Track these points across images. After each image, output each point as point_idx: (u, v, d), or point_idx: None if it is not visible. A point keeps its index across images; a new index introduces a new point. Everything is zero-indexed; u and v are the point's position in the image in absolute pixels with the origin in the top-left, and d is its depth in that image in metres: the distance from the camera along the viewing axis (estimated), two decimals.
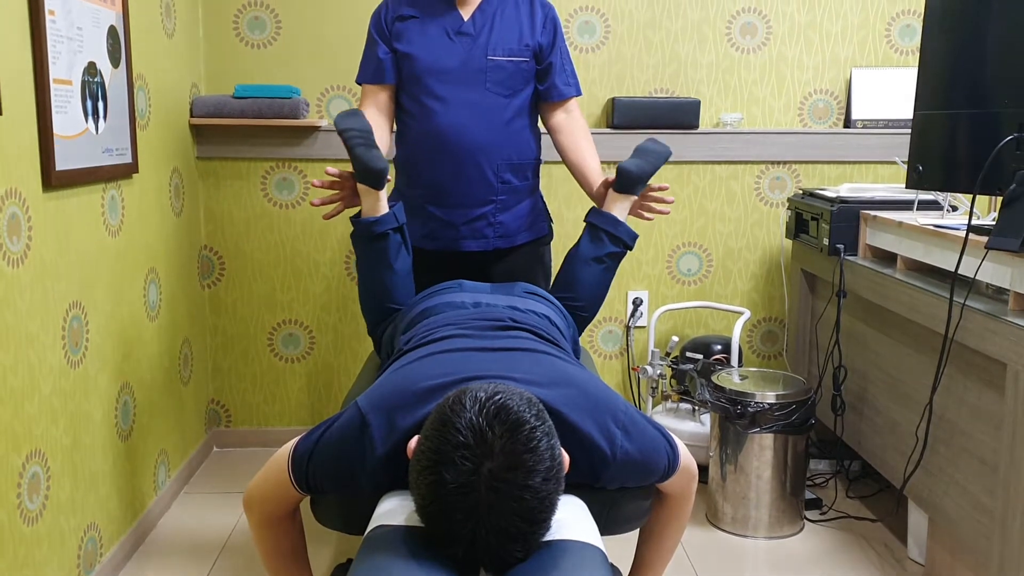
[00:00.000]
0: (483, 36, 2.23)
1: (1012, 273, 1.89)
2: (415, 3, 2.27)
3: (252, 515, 1.58)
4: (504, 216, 2.31)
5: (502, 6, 2.27)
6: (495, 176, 2.26)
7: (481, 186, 2.25)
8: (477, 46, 2.23)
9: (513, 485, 1.20)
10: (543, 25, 2.28)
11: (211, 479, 2.94)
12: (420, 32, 2.24)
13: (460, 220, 2.28)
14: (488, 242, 2.31)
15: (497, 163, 2.25)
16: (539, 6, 2.30)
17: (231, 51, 3.05)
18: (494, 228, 2.30)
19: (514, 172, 2.29)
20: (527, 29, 2.27)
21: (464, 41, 2.23)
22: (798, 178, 3.21)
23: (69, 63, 2.01)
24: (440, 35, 2.24)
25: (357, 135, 2.03)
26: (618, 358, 3.29)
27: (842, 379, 2.66)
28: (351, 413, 1.46)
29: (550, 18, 2.30)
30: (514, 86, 2.25)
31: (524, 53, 2.25)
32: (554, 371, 1.51)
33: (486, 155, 2.23)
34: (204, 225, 3.11)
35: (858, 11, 3.16)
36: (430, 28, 2.24)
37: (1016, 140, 1.93)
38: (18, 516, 1.81)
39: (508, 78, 2.24)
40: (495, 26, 2.24)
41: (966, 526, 2.05)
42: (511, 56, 2.24)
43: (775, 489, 2.52)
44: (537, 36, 2.27)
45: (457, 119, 2.21)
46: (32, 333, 1.87)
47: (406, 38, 2.25)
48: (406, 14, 2.26)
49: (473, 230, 2.29)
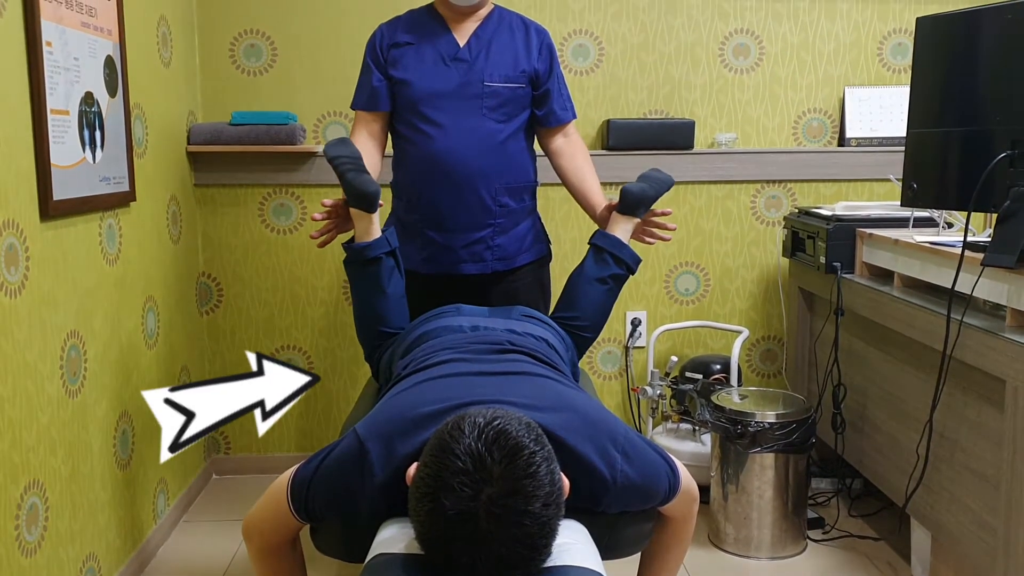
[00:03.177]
0: (479, 62, 2.24)
1: (1009, 289, 1.90)
2: (411, 29, 2.29)
3: (252, 544, 1.57)
4: (502, 239, 2.31)
5: (498, 32, 2.28)
6: (492, 200, 2.27)
7: (479, 210, 2.26)
8: (473, 72, 2.24)
9: (513, 511, 1.20)
10: (539, 51, 2.30)
11: (210, 507, 2.93)
12: (416, 58, 2.25)
13: (459, 244, 2.28)
14: (487, 265, 2.32)
15: (495, 187, 2.26)
16: (534, 32, 2.32)
17: (227, 78, 3.07)
18: (492, 251, 2.31)
19: (511, 195, 2.30)
20: (523, 55, 2.28)
21: (460, 67, 2.24)
22: (793, 197, 3.22)
23: (66, 93, 2.02)
24: (436, 61, 2.25)
25: (347, 161, 2.06)
26: (618, 379, 3.28)
27: (842, 397, 2.66)
28: (350, 440, 1.46)
29: (545, 44, 2.32)
30: (510, 111, 2.27)
31: (520, 79, 2.27)
32: (553, 395, 1.51)
33: (483, 179, 2.24)
34: (202, 252, 3.11)
35: (850, 30, 3.19)
36: (426, 54, 2.25)
37: (1009, 157, 1.94)
38: (16, 548, 1.80)
39: (504, 103, 2.25)
40: (491, 52, 2.26)
41: (969, 544, 2.04)
42: (507, 82, 2.25)
43: (777, 509, 2.51)
44: (533, 62, 2.29)
45: (454, 144, 2.22)
46: (30, 363, 1.87)
47: (401, 65, 2.26)
48: (401, 41, 2.27)
49: (472, 253, 2.30)
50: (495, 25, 2.29)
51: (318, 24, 3.06)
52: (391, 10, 3.06)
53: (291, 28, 3.06)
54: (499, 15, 2.32)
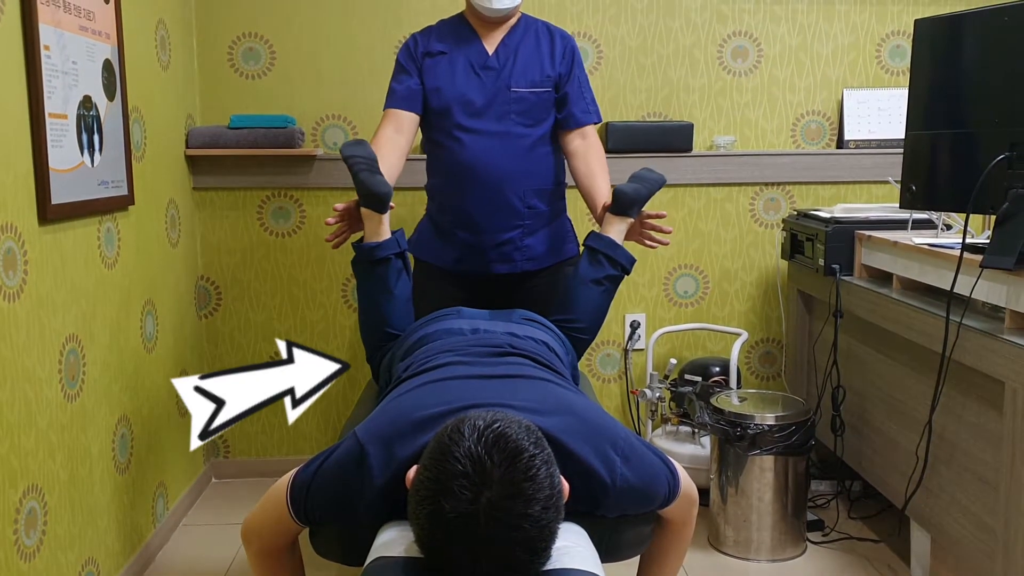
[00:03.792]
0: (507, 69, 2.32)
1: (1008, 291, 1.90)
2: (443, 38, 2.37)
3: (251, 547, 1.57)
4: (531, 240, 2.38)
5: (524, 38, 2.36)
6: (521, 202, 2.34)
7: (508, 212, 2.34)
8: (501, 79, 2.31)
9: (512, 514, 1.20)
10: (562, 55, 2.37)
11: (210, 510, 2.92)
12: (448, 68, 2.33)
13: (489, 245, 2.36)
14: (516, 265, 2.39)
15: (523, 190, 2.33)
16: (559, 38, 2.39)
17: (226, 82, 3.07)
18: (521, 252, 2.38)
19: (540, 197, 2.37)
20: (547, 60, 2.35)
21: (489, 75, 2.32)
22: (792, 199, 3.22)
23: (64, 97, 2.02)
24: (466, 70, 2.33)
25: (361, 161, 2.11)
26: (617, 381, 3.28)
27: (841, 399, 2.66)
28: (349, 443, 1.45)
29: (569, 48, 2.39)
30: (537, 115, 2.34)
31: (546, 84, 2.34)
32: (553, 398, 1.51)
33: (512, 183, 2.32)
34: (201, 256, 3.11)
35: (848, 33, 3.19)
36: (457, 64, 2.33)
37: (1007, 159, 1.95)
38: (15, 553, 1.79)
39: (531, 108, 2.32)
40: (518, 58, 2.33)
41: (969, 546, 2.04)
42: (533, 87, 2.32)
43: (777, 511, 2.51)
44: (557, 66, 2.36)
45: (484, 150, 2.29)
46: (29, 367, 1.87)
47: (435, 73, 2.34)
48: (435, 50, 2.35)
49: (501, 254, 2.37)
50: (522, 32, 2.37)
51: (317, 27, 3.06)
52: (390, 13, 3.06)
53: (290, 31, 3.06)
54: (525, 23, 2.39)
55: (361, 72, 3.08)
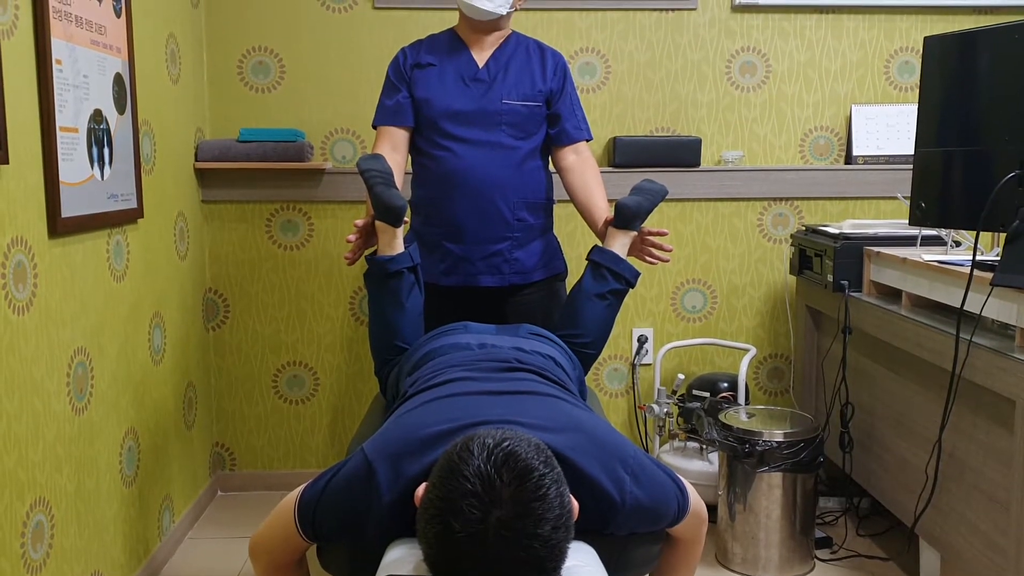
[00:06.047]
0: (497, 82, 2.34)
1: (1018, 309, 1.89)
2: (433, 50, 2.39)
3: (258, 563, 1.57)
4: (520, 253, 2.38)
5: (515, 53, 2.38)
6: (511, 213, 2.34)
7: (498, 223, 2.34)
8: (492, 91, 2.33)
9: (522, 534, 1.19)
10: (553, 72, 2.39)
11: (216, 524, 2.92)
12: (438, 79, 2.35)
13: (477, 256, 2.36)
14: (504, 278, 2.38)
15: (513, 201, 2.34)
16: (550, 55, 2.42)
17: (235, 96, 3.08)
18: (510, 264, 2.38)
19: (529, 210, 2.37)
20: (539, 75, 2.38)
21: (479, 87, 2.34)
22: (800, 215, 3.22)
23: (75, 111, 2.03)
24: (456, 81, 2.34)
25: (377, 175, 2.14)
26: (624, 396, 3.27)
27: (850, 416, 2.64)
28: (357, 460, 1.45)
29: (560, 66, 2.42)
30: (528, 129, 2.35)
31: (537, 98, 2.36)
32: (562, 415, 1.50)
33: (502, 193, 2.32)
34: (209, 268, 3.12)
35: (856, 49, 3.19)
36: (447, 75, 2.35)
37: (1018, 177, 1.94)
38: (22, 566, 1.79)
39: (523, 121, 2.34)
40: (509, 72, 2.35)
41: (979, 565, 2.02)
42: (525, 101, 2.35)
43: (785, 528, 2.49)
44: (548, 82, 2.38)
45: (474, 159, 2.31)
46: (37, 380, 1.87)
47: (424, 85, 2.35)
48: (424, 61, 2.37)
49: (490, 266, 2.37)
50: (513, 48, 2.39)
51: (326, 41, 3.07)
52: (398, 27, 3.07)
53: (299, 45, 3.07)
54: (516, 39, 2.41)
55: (370, 86, 3.09)
